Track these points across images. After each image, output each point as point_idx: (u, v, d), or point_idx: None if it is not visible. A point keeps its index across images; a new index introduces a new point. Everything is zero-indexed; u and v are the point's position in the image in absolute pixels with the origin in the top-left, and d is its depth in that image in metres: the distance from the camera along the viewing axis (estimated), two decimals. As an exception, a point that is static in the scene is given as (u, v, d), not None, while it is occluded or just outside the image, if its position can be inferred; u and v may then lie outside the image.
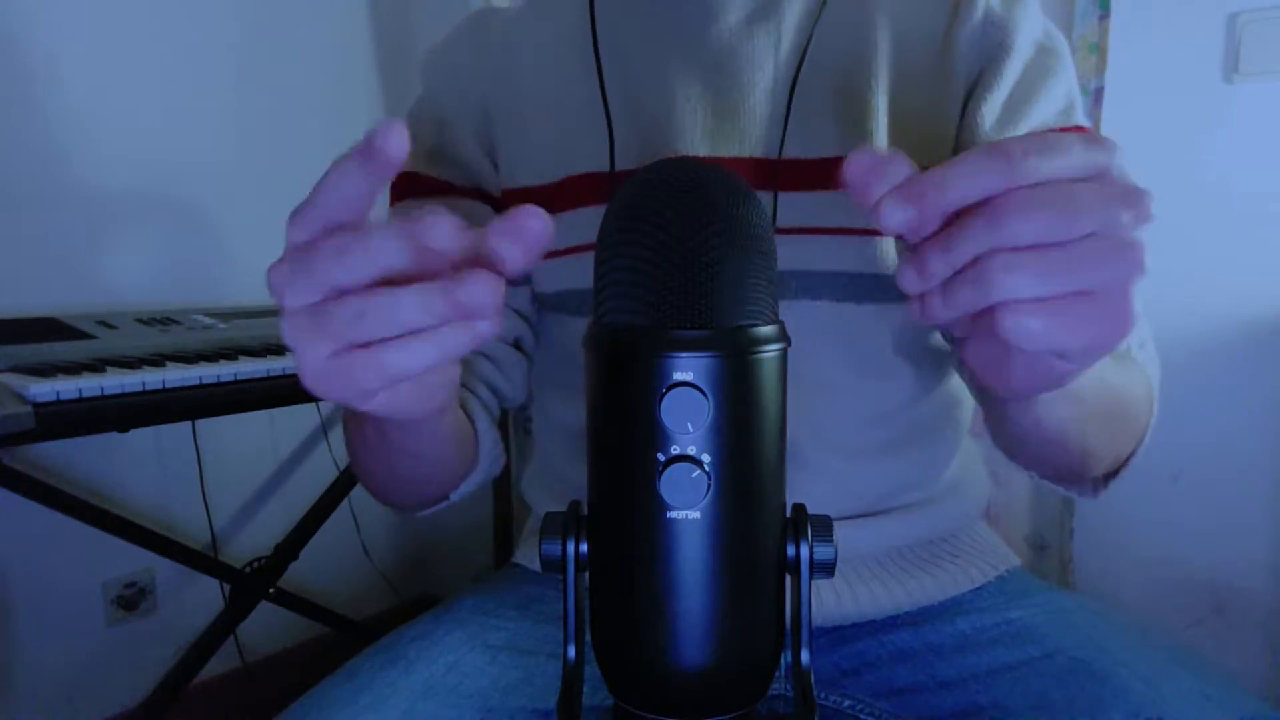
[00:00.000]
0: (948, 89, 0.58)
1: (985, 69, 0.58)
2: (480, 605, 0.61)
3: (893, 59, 0.59)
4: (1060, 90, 0.58)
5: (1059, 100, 0.58)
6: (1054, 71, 0.58)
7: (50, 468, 1.30)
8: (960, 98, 0.58)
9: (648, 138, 0.60)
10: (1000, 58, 0.58)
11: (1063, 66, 0.59)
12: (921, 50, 0.59)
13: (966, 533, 0.65)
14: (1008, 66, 0.57)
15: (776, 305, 0.31)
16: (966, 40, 0.58)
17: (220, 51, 1.51)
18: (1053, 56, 0.59)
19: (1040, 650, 0.54)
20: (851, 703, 0.57)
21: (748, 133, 0.58)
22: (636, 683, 0.32)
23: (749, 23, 0.60)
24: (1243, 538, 1.35)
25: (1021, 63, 0.58)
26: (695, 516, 0.29)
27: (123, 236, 1.40)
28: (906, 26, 0.59)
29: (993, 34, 0.58)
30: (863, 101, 0.57)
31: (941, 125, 0.58)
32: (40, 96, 1.30)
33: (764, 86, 0.59)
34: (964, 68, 0.58)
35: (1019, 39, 0.58)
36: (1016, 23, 0.59)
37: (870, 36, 0.59)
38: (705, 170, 0.31)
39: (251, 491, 1.62)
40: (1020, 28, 0.58)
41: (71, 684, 1.38)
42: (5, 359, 1.00)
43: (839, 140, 0.57)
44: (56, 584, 1.35)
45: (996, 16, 0.59)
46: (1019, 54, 0.58)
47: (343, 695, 0.51)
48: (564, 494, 0.65)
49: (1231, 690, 0.49)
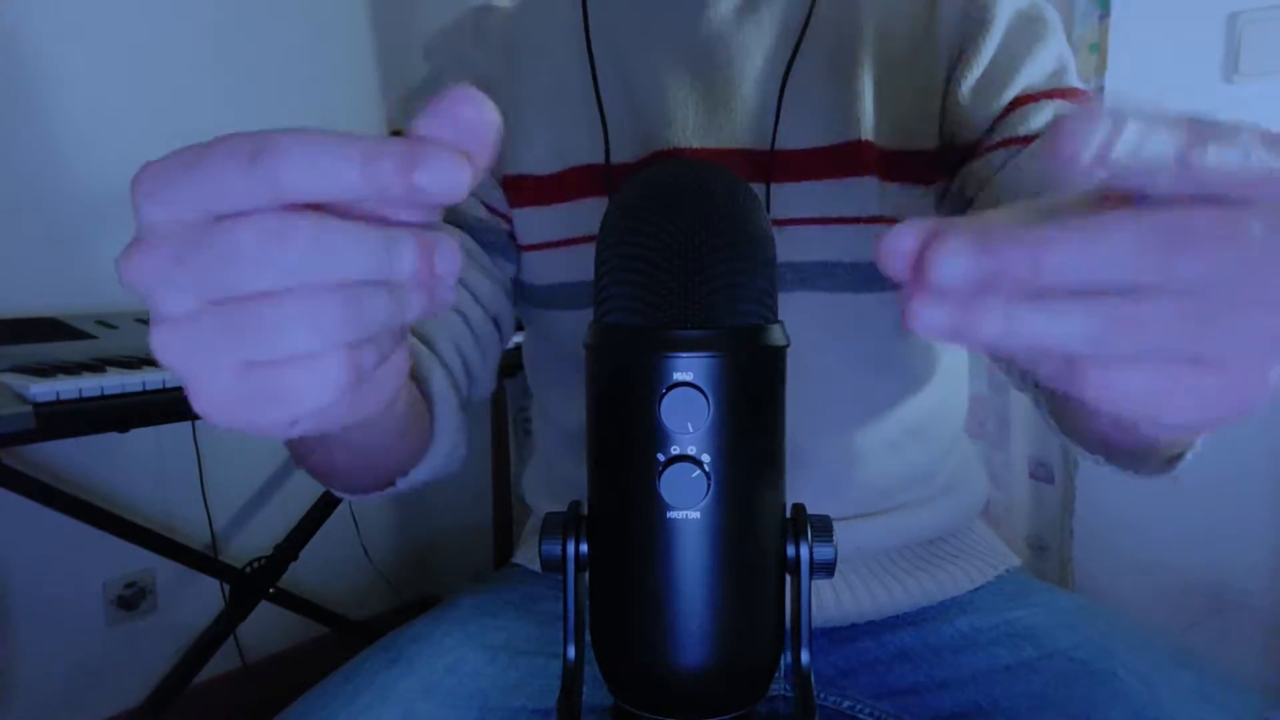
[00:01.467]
0: (931, 69, 0.58)
1: (966, 46, 0.57)
2: (480, 605, 0.61)
3: (877, 44, 0.58)
4: (1048, 54, 0.57)
5: (1047, 64, 0.57)
6: (1039, 36, 0.57)
7: (50, 468, 1.30)
8: (943, 77, 0.58)
9: (641, 129, 0.60)
10: (980, 34, 0.57)
11: (1049, 31, 0.58)
12: (905, 33, 0.59)
13: (966, 533, 0.65)
14: (987, 40, 0.56)
15: (776, 305, 0.31)
16: (948, 19, 0.58)
17: (220, 51, 1.51)
18: (1037, 23, 0.58)
19: (1040, 651, 0.54)
20: (851, 703, 0.57)
21: (739, 123, 0.58)
22: (636, 683, 0.32)
23: (739, 13, 0.60)
24: (1243, 539, 1.35)
25: (1001, 33, 0.57)
26: (695, 516, 0.29)
27: (123, 236, 1.37)
28: (891, 10, 0.59)
29: (974, 12, 0.57)
30: (850, 90, 0.57)
31: (925, 106, 0.58)
32: (40, 97, 1.30)
33: (754, 76, 0.59)
34: (946, 46, 0.58)
35: (999, 12, 0.57)
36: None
37: (857, 20, 0.59)
38: (706, 170, 0.31)
39: (251, 491, 1.62)
40: (1002, 2, 0.57)
41: (71, 684, 1.38)
42: (5, 359, 1.00)
43: (830, 130, 0.57)
44: (56, 584, 1.35)
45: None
46: (998, 26, 0.57)
47: (343, 695, 0.51)
48: (564, 494, 0.65)
49: (1231, 690, 0.49)
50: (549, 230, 0.62)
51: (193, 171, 0.21)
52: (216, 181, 0.21)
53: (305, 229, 0.21)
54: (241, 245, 0.21)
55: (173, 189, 0.22)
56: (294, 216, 0.21)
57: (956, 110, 0.57)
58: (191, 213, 0.22)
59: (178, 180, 0.22)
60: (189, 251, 0.22)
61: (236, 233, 0.21)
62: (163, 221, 0.22)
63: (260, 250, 0.21)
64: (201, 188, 0.22)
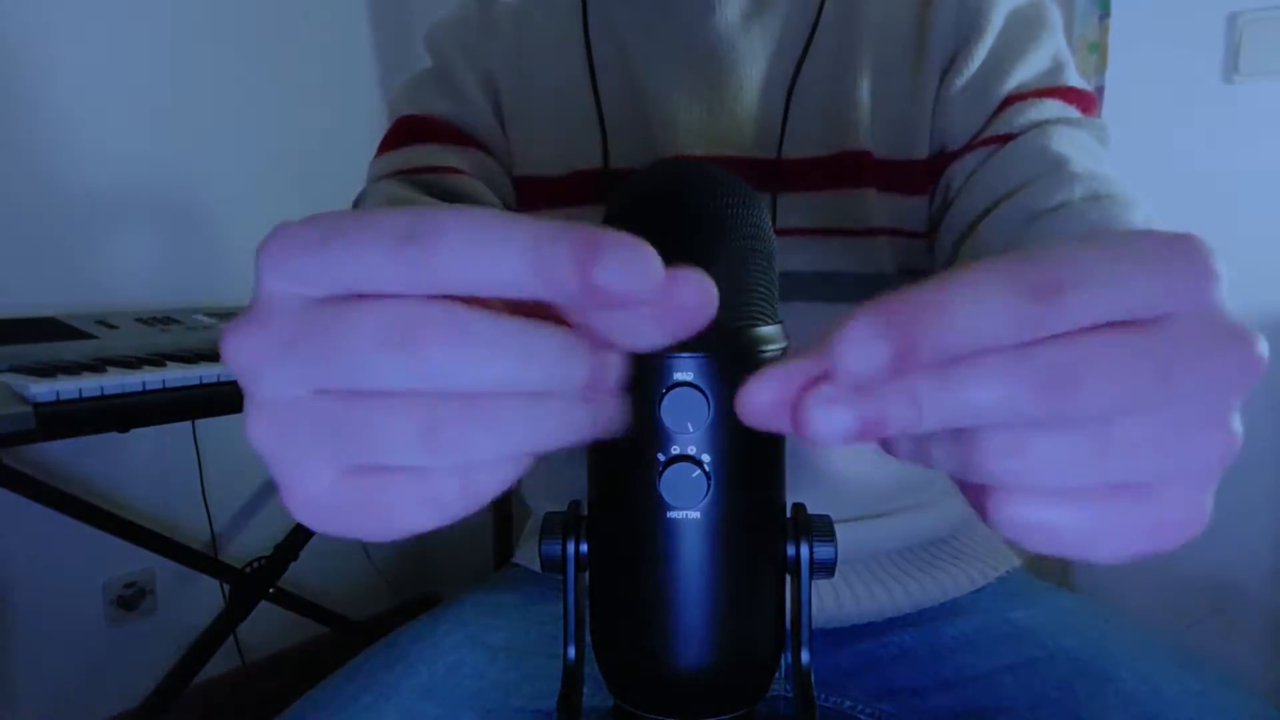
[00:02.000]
0: (923, 73, 0.57)
1: (959, 50, 0.56)
2: (480, 605, 0.61)
3: (873, 50, 0.58)
4: (1043, 53, 0.56)
5: (1042, 62, 0.55)
6: (1033, 36, 0.56)
7: (50, 468, 1.30)
8: (935, 82, 0.57)
9: (643, 135, 0.60)
10: (973, 37, 0.56)
11: (1045, 31, 0.56)
12: (899, 38, 0.58)
13: (967, 534, 0.65)
14: (980, 43, 0.56)
15: (777, 305, 0.31)
16: (941, 23, 0.57)
17: (220, 51, 1.51)
18: (1031, 24, 0.56)
19: (1041, 651, 0.54)
20: (852, 703, 0.57)
21: (744, 130, 0.58)
22: (636, 683, 0.32)
23: (745, 19, 0.60)
24: (1243, 538, 1.35)
25: (994, 35, 0.56)
26: (695, 516, 0.29)
27: (123, 236, 1.40)
28: (887, 16, 0.59)
29: (966, 16, 0.57)
30: (849, 97, 0.57)
31: (917, 111, 0.57)
32: (40, 97, 1.30)
33: (759, 84, 0.59)
34: (939, 50, 0.57)
35: (992, 15, 0.56)
36: (992, 1, 0.57)
37: (856, 28, 0.58)
38: (705, 170, 0.31)
39: (251, 491, 1.62)
40: (995, 5, 0.57)
41: (71, 684, 1.38)
42: (5, 359, 1.00)
43: (831, 139, 0.57)
44: (56, 584, 1.35)
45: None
46: (992, 28, 0.56)
47: (343, 695, 0.51)
48: (564, 494, 0.65)
49: (1231, 690, 0.49)
50: None
51: (334, 243, 0.19)
52: (363, 262, 0.18)
53: (448, 324, 0.18)
54: (373, 334, 0.18)
55: (307, 261, 0.19)
56: (434, 309, 0.18)
57: (946, 113, 0.56)
58: (325, 291, 0.19)
59: (315, 251, 0.19)
60: (311, 331, 0.19)
61: (370, 318, 0.18)
62: (286, 295, 0.19)
63: (392, 343, 0.18)
64: (344, 265, 0.19)
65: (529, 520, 0.77)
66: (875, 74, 0.57)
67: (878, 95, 0.57)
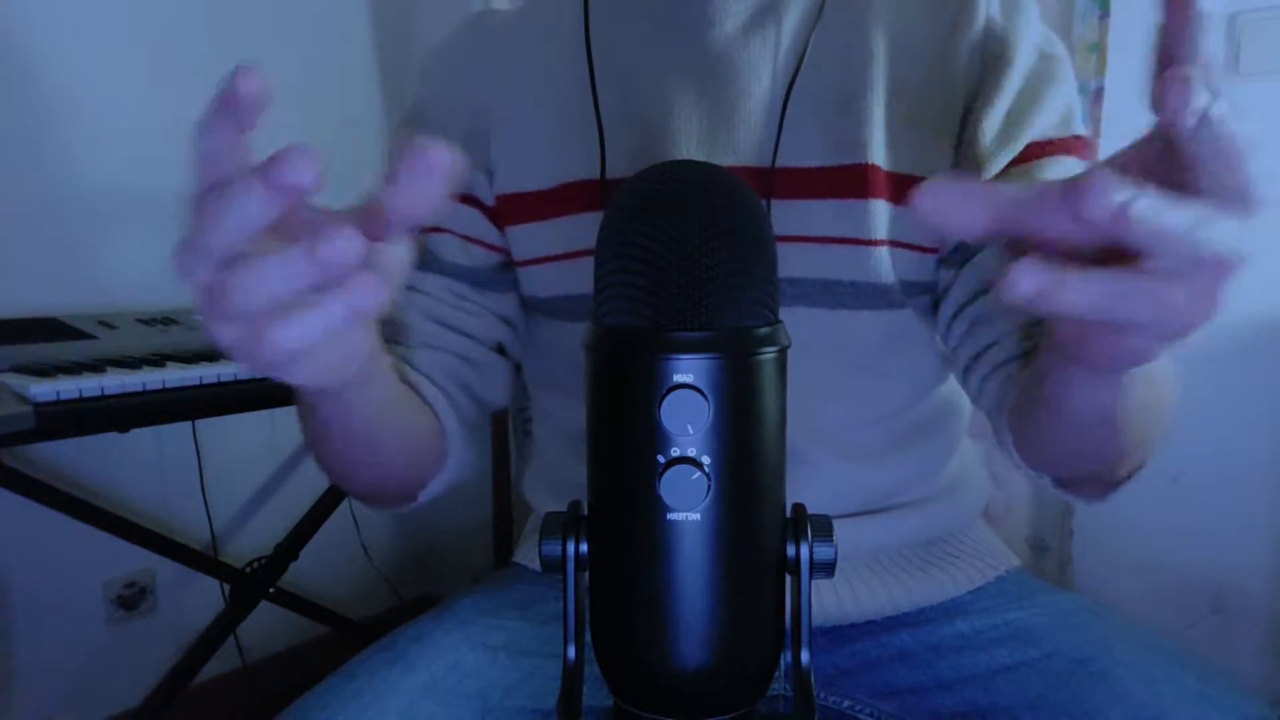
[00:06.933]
0: (946, 100, 0.57)
1: (986, 80, 0.57)
2: (480, 605, 0.61)
3: (890, 68, 0.58)
4: (1060, 100, 0.57)
5: (1058, 110, 0.57)
6: (1055, 79, 0.57)
7: (50, 468, 1.30)
8: (959, 109, 0.57)
9: (641, 145, 0.59)
10: (1001, 69, 0.57)
11: (1063, 74, 0.58)
12: (920, 60, 0.58)
13: (966, 533, 0.65)
14: (1008, 78, 0.56)
15: (777, 306, 0.31)
16: (967, 51, 0.57)
17: (220, 51, 1.51)
18: (1054, 63, 0.58)
19: (1040, 651, 0.54)
20: (851, 703, 0.57)
21: (742, 141, 0.58)
22: (636, 683, 0.32)
23: (746, 31, 0.59)
24: (1242, 539, 1.35)
25: (1023, 74, 0.57)
26: (695, 518, 0.29)
27: (123, 236, 1.40)
28: (905, 35, 0.59)
29: (993, 45, 0.57)
30: (858, 111, 0.57)
31: (939, 137, 0.57)
32: (41, 97, 1.30)
33: (759, 95, 0.58)
34: (964, 79, 0.57)
35: (1020, 49, 0.57)
36: (1018, 33, 0.57)
37: (867, 45, 0.58)
38: (705, 171, 0.31)
39: (251, 491, 1.62)
40: (1021, 38, 0.57)
41: (71, 684, 1.38)
42: (5, 359, 1.00)
43: (833, 149, 0.57)
44: (56, 584, 1.35)
45: (997, 28, 0.58)
46: (1020, 64, 0.57)
47: (343, 695, 0.52)
48: (564, 494, 0.65)
49: (1231, 690, 0.49)
50: (545, 245, 0.61)
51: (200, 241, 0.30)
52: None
53: (257, 259, 0.29)
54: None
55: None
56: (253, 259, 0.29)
57: (976, 147, 0.56)
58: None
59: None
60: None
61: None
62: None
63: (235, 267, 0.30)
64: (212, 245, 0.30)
65: (529, 520, 0.77)
66: (892, 92, 0.57)
67: (894, 113, 0.57)
